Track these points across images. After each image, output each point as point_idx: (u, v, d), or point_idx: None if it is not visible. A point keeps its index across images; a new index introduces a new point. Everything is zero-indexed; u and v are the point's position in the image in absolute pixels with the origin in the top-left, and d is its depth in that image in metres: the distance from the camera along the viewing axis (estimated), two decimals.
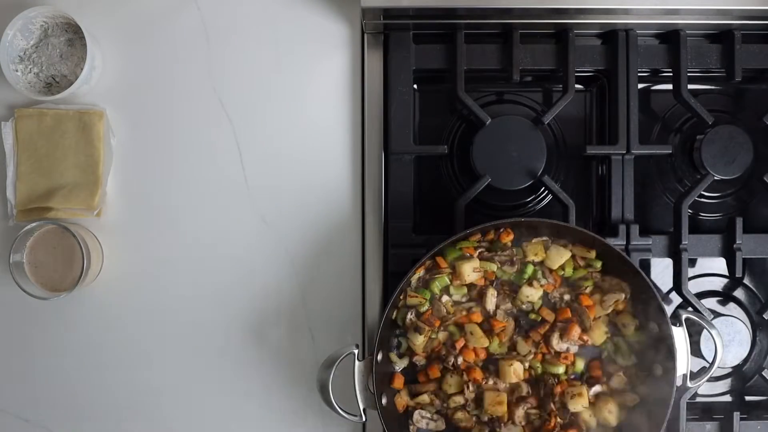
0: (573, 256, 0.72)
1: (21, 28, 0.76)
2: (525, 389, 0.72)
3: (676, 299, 0.80)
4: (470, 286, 0.72)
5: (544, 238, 0.72)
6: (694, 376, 0.72)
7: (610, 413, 0.72)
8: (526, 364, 0.72)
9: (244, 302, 0.79)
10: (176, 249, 0.79)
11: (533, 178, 0.77)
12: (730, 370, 0.82)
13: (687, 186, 0.81)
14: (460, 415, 0.73)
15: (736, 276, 0.79)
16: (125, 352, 0.79)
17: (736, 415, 0.77)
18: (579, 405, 0.71)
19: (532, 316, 0.73)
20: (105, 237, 0.78)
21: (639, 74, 0.80)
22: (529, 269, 0.72)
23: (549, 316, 0.72)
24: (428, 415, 0.73)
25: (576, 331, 0.71)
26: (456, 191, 0.82)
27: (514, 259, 0.72)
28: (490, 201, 0.82)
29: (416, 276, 0.72)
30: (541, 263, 0.73)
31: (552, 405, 0.71)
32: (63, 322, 0.79)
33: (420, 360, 0.73)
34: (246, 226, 0.79)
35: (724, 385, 0.82)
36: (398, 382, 0.73)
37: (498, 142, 0.77)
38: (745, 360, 0.80)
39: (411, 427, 0.73)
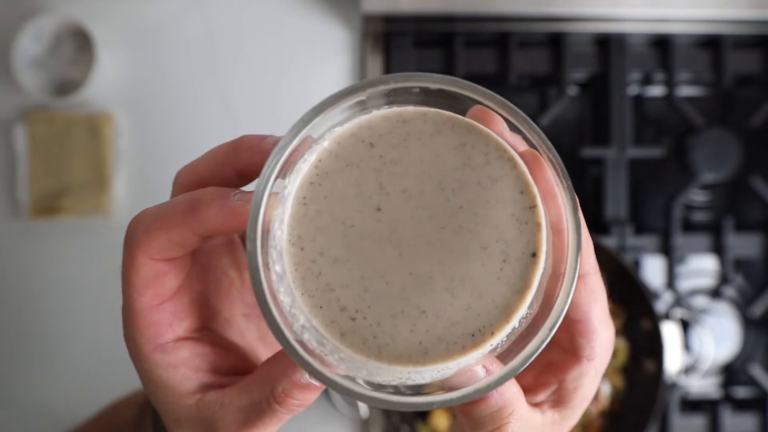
0: None
1: (32, 35, 0.78)
2: None
3: (667, 297, 0.82)
4: None
5: None
6: (684, 371, 0.74)
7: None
8: None
9: None
10: None
11: None
12: (720, 366, 0.84)
13: (678, 187, 0.83)
14: None
15: (726, 274, 0.81)
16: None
17: (725, 410, 0.80)
18: None
19: None
20: (115, 238, 0.80)
21: (631, 79, 0.82)
22: None
23: None
24: None
25: None
26: None
27: None
28: None
29: None
30: None
31: None
32: (64, 323, 0.81)
33: None
34: None
35: (713, 381, 0.84)
36: None
37: None
38: (735, 356, 0.82)
39: None
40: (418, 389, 0.29)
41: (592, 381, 0.34)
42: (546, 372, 0.34)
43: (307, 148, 0.29)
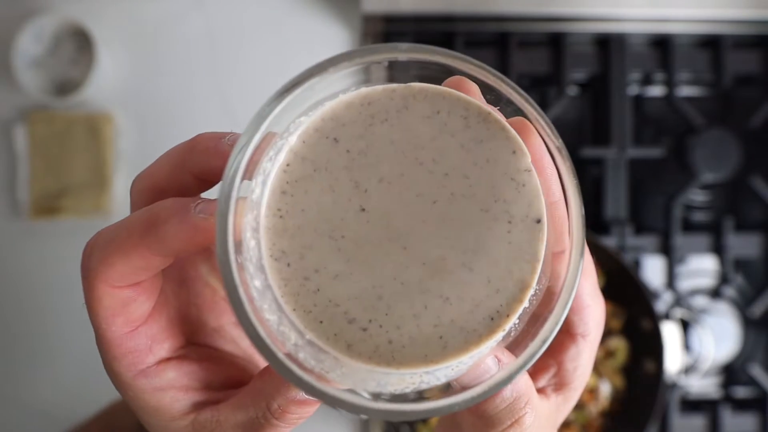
0: None
1: (33, 35, 0.78)
2: None
3: (667, 297, 0.82)
4: None
5: None
6: (684, 371, 0.74)
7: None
8: None
9: None
10: None
11: None
12: (720, 366, 0.84)
13: (678, 187, 0.83)
14: None
15: (726, 274, 0.81)
16: None
17: (725, 410, 0.80)
18: None
19: None
20: None
21: (631, 79, 0.82)
22: None
23: None
24: None
25: None
26: None
27: None
28: None
29: None
30: None
31: None
32: (64, 323, 0.80)
33: None
34: None
35: (713, 381, 0.85)
36: None
37: None
38: (735, 356, 0.83)
39: None
40: (423, 395, 0.27)
41: (589, 358, 0.33)
42: (544, 355, 0.33)
43: (270, 144, 0.26)
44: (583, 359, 0.33)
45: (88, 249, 0.29)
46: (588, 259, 0.31)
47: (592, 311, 0.32)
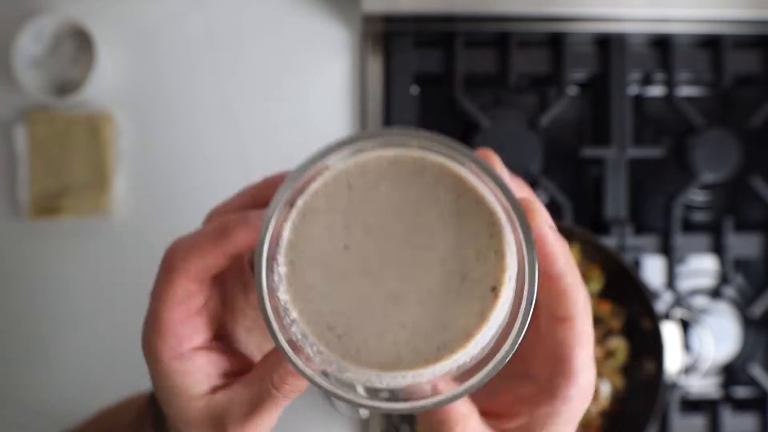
0: None
1: (33, 34, 0.78)
2: None
3: (667, 297, 0.82)
4: None
5: None
6: (684, 371, 0.74)
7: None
8: None
9: None
10: None
11: (530, 179, 0.79)
12: (720, 366, 0.84)
13: (678, 187, 0.83)
14: None
15: (726, 274, 0.81)
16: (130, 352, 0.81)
17: (725, 410, 0.80)
18: None
19: None
20: (115, 238, 0.80)
21: (631, 79, 0.82)
22: None
23: None
24: None
25: None
26: None
27: None
28: None
29: None
30: None
31: None
32: (63, 323, 0.81)
33: None
34: None
35: (713, 381, 0.85)
36: None
37: (495, 144, 0.79)
38: (735, 356, 0.83)
39: None
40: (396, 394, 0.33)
41: (565, 424, 0.35)
42: (520, 403, 0.35)
43: (317, 172, 0.33)
44: (556, 421, 0.34)
45: (172, 250, 0.36)
46: (588, 330, 0.34)
47: (578, 380, 0.34)
